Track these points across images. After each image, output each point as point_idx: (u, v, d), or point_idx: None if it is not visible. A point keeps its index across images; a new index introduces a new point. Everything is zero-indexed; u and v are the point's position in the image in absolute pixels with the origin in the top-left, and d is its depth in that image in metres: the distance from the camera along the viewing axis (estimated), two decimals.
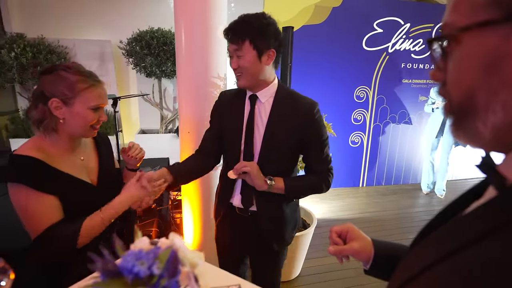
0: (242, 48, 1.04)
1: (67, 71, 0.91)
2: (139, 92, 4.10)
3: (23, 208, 0.88)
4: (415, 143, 4.09)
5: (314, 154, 1.17)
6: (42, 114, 0.91)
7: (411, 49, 3.71)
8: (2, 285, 0.40)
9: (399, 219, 3.23)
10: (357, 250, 0.69)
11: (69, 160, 0.97)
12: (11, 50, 3.07)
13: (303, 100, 1.14)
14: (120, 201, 0.95)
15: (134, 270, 0.35)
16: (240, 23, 1.04)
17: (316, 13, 3.33)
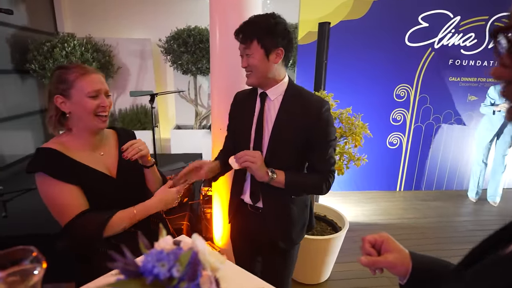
0: (250, 47, 1.08)
1: (59, 69, 0.99)
2: (176, 89, 4.23)
3: (48, 197, 0.94)
4: (463, 146, 3.76)
5: (318, 153, 1.15)
6: (52, 111, 1.00)
7: (460, 44, 3.41)
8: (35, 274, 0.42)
9: (441, 228, 3.00)
10: (392, 262, 0.63)
11: (88, 154, 1.03)
12: (63, 49, 3.32)
13: (312, 98, 1.15)
14: (152, 204, 1.00)
15: (154, 271, 0.34)
16: (248, 24, 1.09)
17: (355, 8, 3.18)
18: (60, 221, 0.94)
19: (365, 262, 0.65)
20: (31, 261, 0.42)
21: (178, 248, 0.41)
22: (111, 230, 0.94)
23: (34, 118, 3.61)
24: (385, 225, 3.02)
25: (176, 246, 0.42)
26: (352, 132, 1.96)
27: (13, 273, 0.41)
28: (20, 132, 3.39)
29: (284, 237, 1.24)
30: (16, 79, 3.34)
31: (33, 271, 0.42)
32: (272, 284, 0.89)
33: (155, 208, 1.00)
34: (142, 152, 1.06)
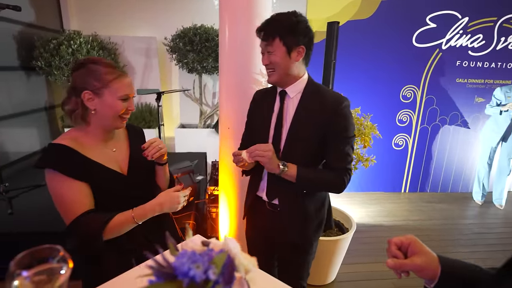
0: (272, 45, 1.09)
1: (96, 64, 0.96)
2: (181, 87, 4.22)
3: (57, 194, 0.92)
4: (468, 148, 3.74)
5: (335, 149, 1.14)
6: (75, 106, 0.97)
7: (468, 45, 3.38)
8: (61, 273, 0.41)
9: (446, 230, 2.98)
10: (420, 265, 0.61)
11: (100, 151, 1.01)
12: (69, 47, 3.32)
13: (330, 95, 1.15)
14: (151, 208, 0.97)
15: (190, 273, 0.33)
16: (270, 22, 1.10)
17: (363, 7, 3.17)
18: (66, 218, 0.93)
19: (392, 265, 0.64)
20: (58, 260, 0.41)
21: (209, 249, 0.39)
22: (111, 233, 0.93)
23: (39, 115, 3.61)
24: (390, 226, 3.00)
25: (206, 247, 0.41)
26: (361, 133, 1.94)
27: (40, 272, 0.40)
28: (25, 129, 3.39)
29: (299, 234, 1.24)
30: (22, 76, 3.34)
31: (60, 270, 0.41)
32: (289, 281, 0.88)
33: (153, 212, 0.98)
34: (162, 151, 1.07)
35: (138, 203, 0.98)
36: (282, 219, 1.23)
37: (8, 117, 3.07)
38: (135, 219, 0.94)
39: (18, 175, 2.98)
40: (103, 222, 0.91)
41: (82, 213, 0.91)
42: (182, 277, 0.33)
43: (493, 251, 2.66)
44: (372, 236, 2.80)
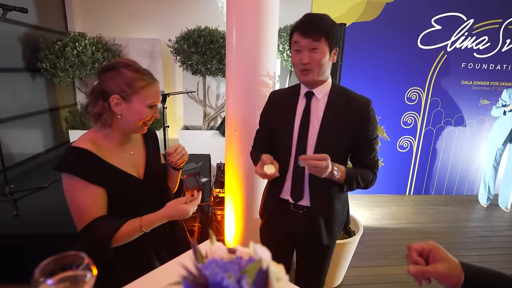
0: (319, 42, 1.07)
1: (127, 68, 0.94)
2: (184, 89, 4.22)
3: (73, 198, 0.91)
4: (473, 150, 3.72)
5: (366, 149, 1.19)
6: (101, 110, 0.94)
7: (473, 47, 3.37)
8: (85, 282, 0.40)
9: (452, 233, 2.97)
10: (442, 273, 0.60)
11: (119, 154, 1.00)
12: (74, 48, 3.32)
13: (357, 97, 1.19)
14: (159, 218, 0.95)
15: (224, 283, 0.32)
16: (318, 19, 1.08)
17: (367, 9, 3.16)
18: (78, 223, 0.92)
19: (414, 272, 0.62)
20: (82, 268, 0.41)
21: (238, 257, 0.38)
22: (119, 241, 0.92)
23: (44, 117, 3.62)
24: (395, 229, 2.98)
25: (234, 255, 0.40)
26: None
27: (64, 279, 0.39)
28: (30, 130, 3.40)
29: (327, 233, 1.25)
30: (27, 78, 3.34)
31: (84, 278, 0.40)
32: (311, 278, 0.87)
33: (161, 221, 0.96)
34: (185, 157, 1.08)
35: (152, 207, 0.97)
36: (311, 219, 1.23)
37: (13, 119, 3.07)
38: (142, 228, 0.93)
39: (23, 176, 2.98)
40: (113, 230, 0.90)
41: (95, 219, 0.90)
42: (215, 287, 0.32)
43: (499, 255, 2.64)
44: (377, 239, 2.78)
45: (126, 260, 0.97)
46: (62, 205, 2.37)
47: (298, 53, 1.11)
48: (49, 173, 3.00)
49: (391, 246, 2.68)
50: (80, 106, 4.12)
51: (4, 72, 2.96)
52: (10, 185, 2.43)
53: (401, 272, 2.30)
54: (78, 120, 3.79)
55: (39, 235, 2.01)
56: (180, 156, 1.07)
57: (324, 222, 1.23)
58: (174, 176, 1.17)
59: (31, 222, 2.11)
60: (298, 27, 1.10)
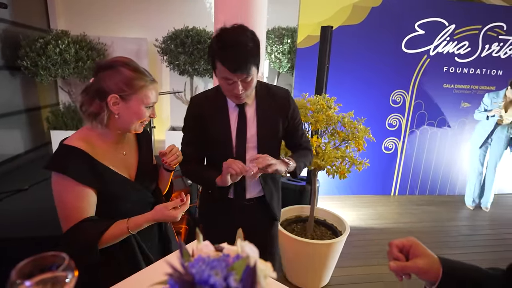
0: (250, 74, 1.06)
1: (126, 67, 0.91)
2: (171, 90, 4.18)
3: (61, 198, 0.88)
4: (455, 152, 3.83)
5: (300, 133, 1.36)
6: (98, 109, 0.91)
7: (455, 52, 3.48)
8: (66, 282, 0.38)
9: (436, 232, 3.04)
10: (422, 268, 0.61)
11: (112, 154, 0.98)
12: (57, 46, 3.23)
13: (277, 90, 1.29)
14: (146, 220, 0.93)
15: (210, 281, 0.31)
16: (246, 56, 1.03)
17: (354, 13, 3.22)
18: (64, 224, 0.89)
19: (394, 268, 0.63)
20: (63, 268, 0.39)
21: (224, 254, 0.38)
22: (105, 243, 0.90)
23: (24, 116, 3.49)
24: (381, 229, 3.03)
25: (222, 253, 0.39)
26: (355, 136, 1.96)
27: (43, 281, 0.38)
28: (9, 130, 3.27)
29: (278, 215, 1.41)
30: (6, 76, 3.23)
31: (65, 279, 0.38)
32: None
33: (147, 224, 0.95)
34: (179, 159, 1.07)
35: (142, 208, 0.95)
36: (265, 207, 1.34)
37: None
38: (129, 230, 0.91)
39: (1, 178, 2.86)
40: (99, 232, 0.87)
41: (80, 221, 0.87)
42: (201, 284, 0.31)
43: (481, 253, 2.73)
44: (364, 239, 2.82)
45: (111, 260, 0.94)
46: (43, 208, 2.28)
47: (229, 84, 1.08)
48: (29, 175, 2.90)
49: (378, 245, 2.72)
50: (63, 106, 4.01)
51: None
52: None
53: (388, 272, 2.33)
54: (60, 121, 3.68)
55: (19, 239, 1.93)
56: (175, 157, 1.06)
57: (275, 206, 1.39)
58: (166, 177, 1.15)
59: (10, 226, 2.03)
60: (224, 64, 1.03)
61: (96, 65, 0.93)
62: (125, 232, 0.91)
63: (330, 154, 1.92)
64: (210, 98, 1.25)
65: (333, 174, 1.96)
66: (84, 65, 3.36)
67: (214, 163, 1.26)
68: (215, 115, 1.22)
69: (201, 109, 1.24)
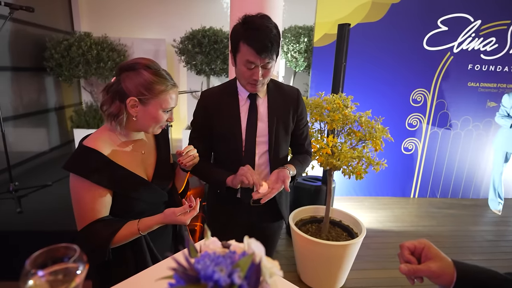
0: (272, 61, 1.09)
1: (147, 70, 0.91)
2: (188, 89, 4.23)
3: (78, 198, 0.90)
4: (480, 153, 3.66)
5: (305, 134, 1.35)
6: (118, 110, 0.91)
7: (480, 49, 3.33)
8: (77, 274, 0.39)
9: (457, 237, 2.92)
10: (435, 271, 0.59)
11: (130, 154, 0.98)
12: (79, 48, 3.35)
13: (288, 88, 1.30)
14: (156, 222, 0.94)
15: (215, 277, 0.31)
16: (270, 37, 1.05)
17: (372, 10, 3.14)
18: (79, 222, 0.91)
19: (405, 270, 0.61)
20: (74, 260, 0.40)
21: (231, 251, 0.38)
22: (116, 243, 0.92)
23: (49, 116, 3.65)
24: (399, 232, 2.94)
25: (228, 250, 0.39)
26: (372, 136, 1.91)
27: (55, 272, 0.39)
28: (35, 129, 3.43)
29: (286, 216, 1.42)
30: (33, 77, 3.38)
31: (76, 270, 0.39)
32: None
33: (157, 226, 0.96)
34: (195, 160, 1.05)
35: (157, 208, 0.96)
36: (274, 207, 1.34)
37: (19, 117, 3.11)
38: (139, 231, 0.93)
39: (27, 174, 3.01)
40: (110, 233, 0.89)
41: (94, 221, 0.89)
42: (206, 280, 0.31)
43: (507, 260, 2.59)
44: (381, 241, 2.75)
45: (121, 259, 0.96)
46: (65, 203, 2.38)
47: (250, 70, 1.09)
48: (53, 171, 3.03)
49: (395, 249, 2.64)
50: (85, 105, 4.16)
51: (10, 71, 3.00)
52: (15, 182, 2.45)
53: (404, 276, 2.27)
54: (83, 119, 3.82)
55: (42, 232, 2.02)
56: (191, 158, 1.04)
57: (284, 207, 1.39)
58: (182, 176, 1.16)
59: (34, 219, 2.13)
60: (252, 45, 1.04)
61: (119, 66, 0.93)
62: (135, 233, 0.92)
63: (346, 154, 1.88)
64: (221, 91, 1.24)
65: (349, 174, 1.92)
66: (105, 65, 3.47)
67: (223, 159, 1.26)
68: (225, 107, 1.21)
69: (211, 101, 1.23)
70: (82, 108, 4.08)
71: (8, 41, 2.96)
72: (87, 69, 3.44)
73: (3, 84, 2.90)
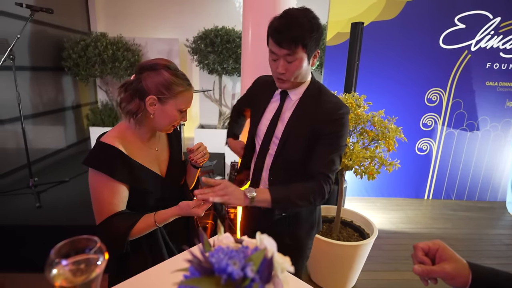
0: (294, 53, 0.98)
1: (167, 71, 0.94)
2: (201, 88, 4.28)
3: (97, 193, 0.94)
4: (498, 155, 3.55)
5: (321, 155, 1.06)
6: (137, 108, 0.95)
7: (500, 47, 3.22)
8: (98, 264, 0.41)
9: (473, 240, 2.85)
10: (449, 273, 0.58)
11: (145, 151, 1.03)
12: (96, 48, 3.44)
13: (328, 99, 1.10)
14: (172, 214, 0.96)
15: (228, 269, 0.32)
16: (292, 27, 0.96)
17: (387, 8, 3.09)
18: (98, 216, 0.95)
19: (419, 271, 0.61)
20: (95, 251, 0.42)
21: (243, 246, 0.39)
22: (134, 236, 0.95)
23: (66, 114, 3.76)
24: (412, 234, 2.89)
25: (241, 245, 0.40)
26: (385, 136, 1.88)
27: (78, 262, 0.41)
28: (53, 127, 3.54)
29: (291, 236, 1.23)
30: (51, 76, 3.49)
31: (96, 261, 0.42)
32: None
33: (173, 218, 0.99)
34: (205, 157, 1.10)
35: (170, 203, 0.98)
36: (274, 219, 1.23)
37: (39, 115, 3.22)
38: (156, 223, 0.96)
39: (46, 170, 3.11)
40: (128, 226, 0.92)
41: (112, 215, 0.93)
42: (220, 273, 0.32)
43: None
44: (393, 243, 2.71)
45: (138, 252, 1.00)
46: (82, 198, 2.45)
47: (274, 62, 1.04)
48: (70, 168, 3.13)
49: (408, 251, 2.60)
50: (101, 104, 4.26)
51: (31, 71, 3.11)
52: (34, 178, 2.54)
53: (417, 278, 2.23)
54: (98, 118, 3.92)
55: (60, 227, 2.09)
56: (201, 154, 1.09)
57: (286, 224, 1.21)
58: (193, 173, 1.20)
59: (53, 214, 2.21)
60: (272, 35, 1.00)
61: (139, 66, 0.96)
62: (152, 225, 0.96)
63: (358, 154, 1.87)
64: (269, 79, 1.21)
65: (361, 174, 1.90)
66: (120, 65, 3.55)
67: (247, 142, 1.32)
68: (261, 97, 1.23)
69: (258, 86, 1.31)
70: (98, 107, 4.18)
71: (29, 41, 3.07)
72: (103, 69, 3.53)
73: (24, 83, 3.01)
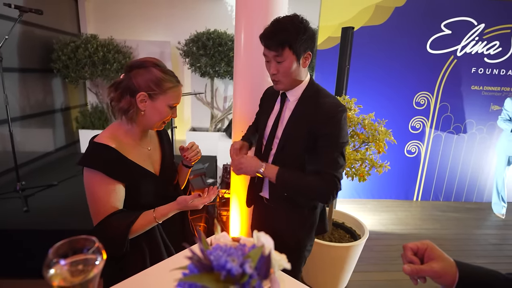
0: (282, 54, 1.06)
1: (157, 68, 0.97)
2: (193, 91, 4.27)
3: (93, 193, 0.93)
4: (483, 157, 3.66)
5: (324, 155, 1.10)
6: (128, 105, 0.96)
7: (484, 52, 3.33)
8: (96, 264, 0.41)
9: (461, 240, 2.91)
10: (438, 271, 0.60)
11: (138, 150, 1.04)
12: (86, 50, 3.40)
13: (326, 100, 1.14)
14: (171, 209, 0.98)
15: (227, 266, 0.33)
16: (278, 30, 1.05)
17: (376, 14, 3.16)
18: (95, 217, 0.94)
19: (409, 271, 0.63)
20: (93, 251, 0.42)
21: (241, 244, 0.40)
22: (134, 234, 0.95)
23: (55, 116, 3.70)
24: (402, 235, 2.94)
25: (238, 243, 0.41)
26: (375, 138, 1.92)
27: (76, 262, 0.41)
28: (42, 129, 3.47)
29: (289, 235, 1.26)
30: (40, 78, 3.43)
31: (94, 261, 0.42)
32: None
33: (172, 213, 1.00)
34: (198, 155, 1.15)
35: (165, 202, 0.99)
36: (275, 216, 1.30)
37: (26, 117, 3.15)
38: (156, 219, 0.97)
39: (33, 174, 3.05)
40: (127, 225, 0.92)
41: (110, 214, 0.93)
42: (219, 269, 0.33)
43: (511, 263, 2.58)
44: (384, 244, 2.75)
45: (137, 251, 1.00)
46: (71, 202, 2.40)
47: (266, 62, 1.13)
48: (58, 171, 3.07)
49: (398, 251, 2.64)
50: (91, 106, 4.20)
51: (19, 72, 3.05)
52: (22, 181, 2.49)
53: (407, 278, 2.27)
54: (88, 120, 3.86)
55: (48, 231, 2.05)
56: (195, 153, 1.13)
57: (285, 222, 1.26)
58: (184, 172, 1.23)
59: (40, 218, 2.16)
60: (262, 40, 1.09)
61: (128, 64, 0.98)
62: (152, 221, 0.97)
63: (349, 156, 1.90)
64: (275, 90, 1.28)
65: (352, 176, 1.93)
66: (111, 67, 3.52)
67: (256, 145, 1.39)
68: (268, 101, 1.33)
69: (265, 94, 1.40)
70: (88, 109, 4.13)
71: (17, 42, 3.01)
72: (93, 71, 3.49)
73: (11, 85, 2.94)
